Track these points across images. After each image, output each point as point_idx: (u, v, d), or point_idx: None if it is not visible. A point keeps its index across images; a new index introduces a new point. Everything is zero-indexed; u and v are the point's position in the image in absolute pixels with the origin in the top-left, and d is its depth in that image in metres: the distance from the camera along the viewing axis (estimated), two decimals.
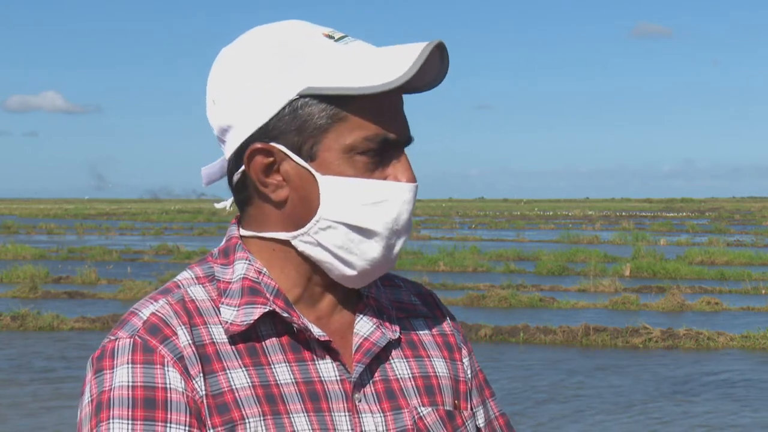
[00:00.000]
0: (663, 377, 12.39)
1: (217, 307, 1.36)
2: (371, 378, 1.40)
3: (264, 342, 1.35)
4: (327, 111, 1.32)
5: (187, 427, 1.27)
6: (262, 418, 1.30)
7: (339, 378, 1.37)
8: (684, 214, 77.65)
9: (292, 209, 1.37)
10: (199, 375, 1.30)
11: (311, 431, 1.32)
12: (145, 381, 1.28)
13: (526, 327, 15.29)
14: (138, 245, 36.60)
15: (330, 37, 1.35)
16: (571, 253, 29.34)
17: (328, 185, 1.34)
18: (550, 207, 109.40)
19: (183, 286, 1.38)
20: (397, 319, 1.47)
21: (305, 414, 1.32)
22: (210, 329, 1.34)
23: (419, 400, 1.42)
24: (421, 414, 1.41)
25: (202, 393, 1.29)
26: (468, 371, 1.53)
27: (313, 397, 1.34)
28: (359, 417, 1.36)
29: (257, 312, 1.34)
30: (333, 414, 1.34)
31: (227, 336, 1.34)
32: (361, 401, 1.37)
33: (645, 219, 66.01)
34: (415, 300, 1.54)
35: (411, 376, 1.43)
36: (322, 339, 1.36)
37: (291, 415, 1.31)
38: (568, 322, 16.07)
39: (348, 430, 1.34)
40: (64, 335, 15.47)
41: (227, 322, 1.34)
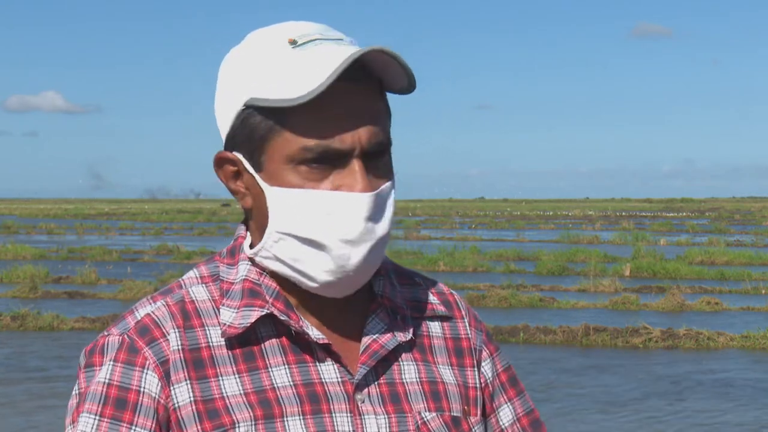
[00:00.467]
0: (663, 377, 12.40)
1: (218, 308, 1.37)
2: (377, 380, 1.39)
3: (263, 344, 1.35)
4: (266, 121, 1.31)
5: None
6: (253, 423, 1.30)
7: (341, 380, 1.36)
8: (684, 214, 77.63)
9: (257, 218, 1.37)
10: (185, 381, 1.31)
11: None
12: (122, 381, 1.30)
13: (526, 327, 15.29)
14: (138, 245, 36.58)
15: (293, 43, 1.31)
16: (571, 253, 29.32)
17: (274, 196, 1.33)
18: (550, 207, 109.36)
19: (185, 285, 1.39)
20: (412, 319, 1.45)
21: (302, 417, 1.32)
22: (207, 331, 1.35)
23: (425, 405, 1.40)
24: (425, 419, 1.39)
25: (176, 403, 1.30)
26: (481, 376, 1.49)
27: (313, 399, 1.33)
28: (362, 418, 1.35)
29: (254, 315, 1.34)
30: (334, 415, 1.34)
31: (224, 339, 1.34)
32: (364, 402, 1.36)
33: (645, 219, 65.97)
34: (434, 299, 1.50)
35: (418, 380, 1.42)
36: (321, 342, 1.35)
37: (285, 419, 1.31)
38: (568, 322, 16.07)
39: (350, 431, 1.34)
40: (63, 335, 15.47)
41: (225, 324, 1.34)
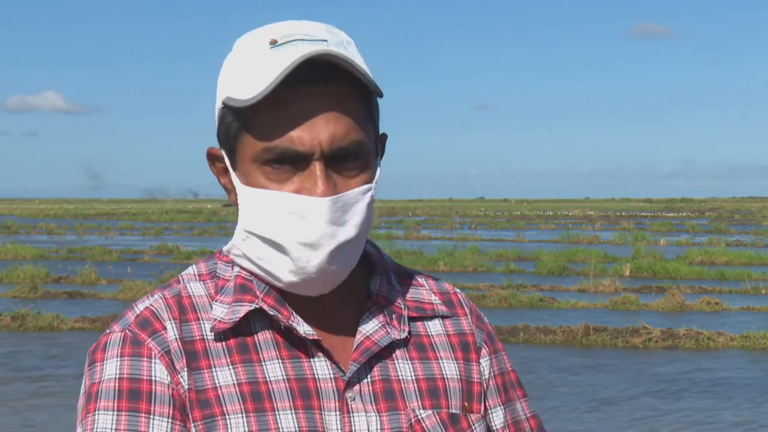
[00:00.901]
0: (662, 376, 12.40)
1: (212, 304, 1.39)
2: (370, 377, 1.38)
3: (257, 338, 1.36)
4: (235, 121, 1.34)
5: (170, 420, 1.29)
6: (244, 414, 1.31)
7: (333, 376, 1.36)
8: (684, 214, 77.61)
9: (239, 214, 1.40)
10: (184, 370, 1.32)
11: (298, 429, 1.32)
12: (132, 373, 1.31)
13: (526, 327, 15.30)
14: (138, 245, 36.59)
15: (273, 43, 1.32)
16: (571, 253, 29.33)
17: (243, 194, 1.36)
18: (550, 207, 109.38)
19: (183, 281, 1.42)
20: (410, 319, 1.45)
21: (293, 412, 1.32)
22: (202, 325, 1.36)
23: (420, 402, 1.40)
24: (420, 417, 1.39)
25: (186, 387, 1.31)
26: (485, 372, 1.49)
27: (305, 395, 1.34)
28: (350, 416, 1.35)
29: (243, 310, 1.36)
30: (323, 412, 1.34)
31: (214, 333, 1.35)
32: (355, 400, 1.36)
33: (645, 219, 65.97)
34: (435, 299, 1.50)
35: (414, 378, 1.41)
36: (310, 337, 1.36)
37: (277, 413, 1.32)
38: (568, 322, 16.07)
39: (337, 429, 1.34)
40: (62, 335, 15.47)
41: (215, 319, 1.36)
